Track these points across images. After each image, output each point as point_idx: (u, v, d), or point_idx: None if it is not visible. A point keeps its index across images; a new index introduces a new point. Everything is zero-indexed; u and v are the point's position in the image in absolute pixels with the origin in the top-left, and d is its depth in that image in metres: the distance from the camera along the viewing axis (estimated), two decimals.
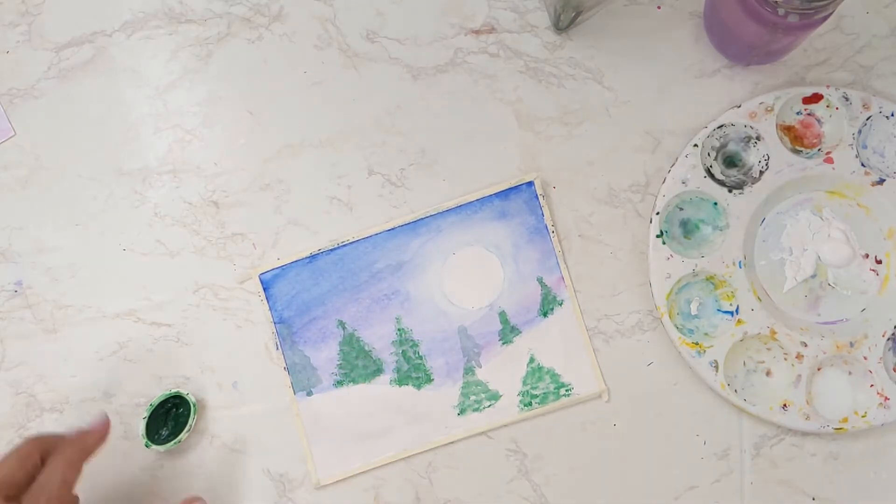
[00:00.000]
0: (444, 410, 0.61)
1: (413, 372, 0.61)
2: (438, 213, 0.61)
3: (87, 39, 0.63)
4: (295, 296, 0.62)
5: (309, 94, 0.62)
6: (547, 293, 0.61)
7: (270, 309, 0.61)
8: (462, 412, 0.61)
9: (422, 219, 0.61)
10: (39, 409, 0.62)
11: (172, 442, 0.60)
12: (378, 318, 0.61)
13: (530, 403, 0.60)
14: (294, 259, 0.62)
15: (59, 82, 0.63)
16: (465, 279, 0.61)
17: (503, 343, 0.61)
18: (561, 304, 0.61)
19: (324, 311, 0.61)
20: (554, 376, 0.60)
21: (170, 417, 0.61)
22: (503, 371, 0.61)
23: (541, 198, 0.61)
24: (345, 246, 0.62)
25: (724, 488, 0.59)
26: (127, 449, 0.61)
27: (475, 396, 0.60)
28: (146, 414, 0.60)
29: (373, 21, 0.62)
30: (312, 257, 0.62)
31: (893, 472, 0.58)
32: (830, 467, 0.59)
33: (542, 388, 0.60)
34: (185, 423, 0.60)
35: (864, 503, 0.58)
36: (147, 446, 0.60)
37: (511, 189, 0.61)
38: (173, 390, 0.61)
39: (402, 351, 0.61)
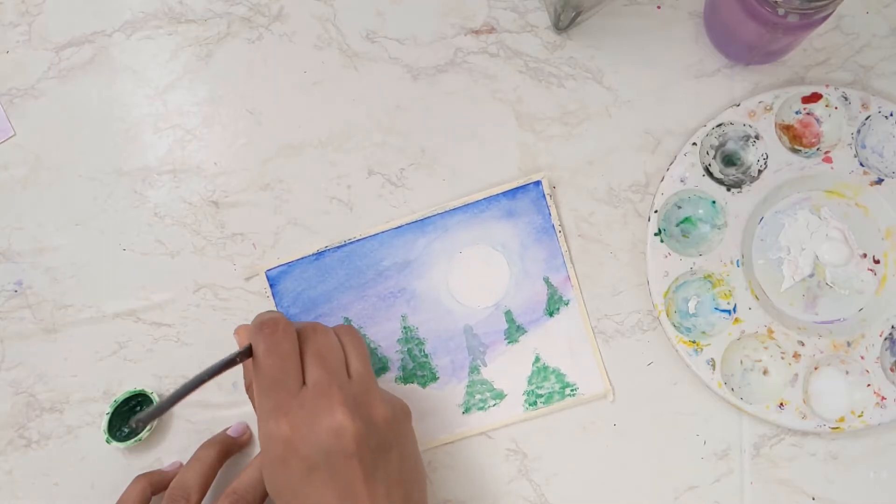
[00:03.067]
0: (450, 409, 0.61)
1: (418, 370, 0.61)
2: (445, 212, 0.61)
3: (87, 39, 0.63)
4: (301, 293, 0.62)
5: (309, 94, 0.62)
6: (553, 293, 0.61)
7: (276, 306, 0.61)
8: (467, 411, 0.61)
9: (428, 217, 0.61)
10: (39, 409, 0.62)
11: (133, 440, 0.60)
12: (384, 315, 0.61)
13: (535, 403, 0.60)
14: (301, 256, 0.62)
15: (59, 82, 0.63)
16: (471, 278, 0.61)
17: (509, 342, 0.61)
18: (567, 304, 0.61)
19: (330, 308, 0.61)
20: (559, 376, 0.60)
21: (133, 415, 0.61)
22: (508, 370, 0.61)
23: (548, 197, 0.61)
24: (351, 243, 0.62)
25: (724, 488, 0.59)
26: (126, 449, 0.61)
27: (480, 395, 0.61)
28: (109, 410, 0.61)
29: (373, 21, 0.62)
30: (319, 254, 0.62)
31: (893, 472, 0.59)
32: (830, 467, 0.59)
33: (548, 387, 0.60)
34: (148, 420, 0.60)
35: (864, 503, 0.59)
36: (108, 442, 0.60)
37: (518, 188, 0.61)
38: (137, 388, 0.61)
39: (408, 349, 0.61)
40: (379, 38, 0.63)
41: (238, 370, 0.61)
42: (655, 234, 0.60)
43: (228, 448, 0.59)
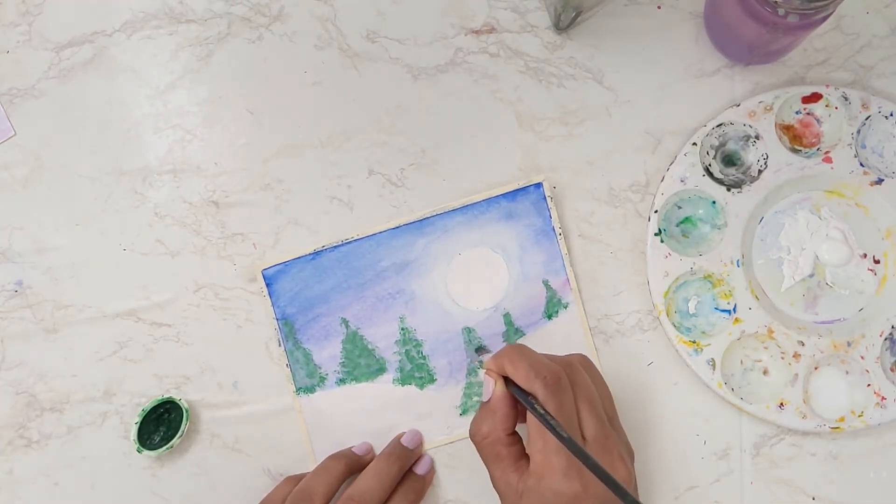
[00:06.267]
0: (447, 410, 0.61)
1: (416, 372, 0.61)
2: (445, 213, 0.61)
3: (87, 39, 0.63)
4: (298, 292, 0.61)
5: (309, 94, 0.62)
6: (552, 296, 0.61)
7: (273, 305, 0.61)
8: (464, 412, 0.61)
9: (427, 218, 0.61)
10: (40, 409, 0.62)
11: (164, 448, 0.60)
12: (382, 316, 0.61)
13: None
14: (298, 255, 0.61)
15: (59, 82, 0.63)
16: (470, 280, 0.61)
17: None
18: (566, 307, 0.61)
19: (327, 308, 0.61)
20: None
21: (162, 423, 0.61)
22: None
23: (549, 200, 0.61)
24: (349, 243, 0.61)
25: (724, 488, 0.59)
26: (127, 449, 0.61)
27: (478, 397, 0.60)
28: (138, 419, 0.60)
29: (373, 21, 0.62)
30: (316, 254, 0.61)
31: (893, 472, 0.59)
32: (830, 467, 0.59)
33: None
34: (178, 428, 0.60)
35: (864, 503, 0.59)
36: (139, 451, 0.60)
37: (518, 190, 0.61)
38: (165, 396, 0.61)
39: (406, 350, 0.61)
40: (379, 38, 0.63)
41: (237, 369, 0.62)
42: (655, 234, 0.60)
43: (354, 464, 0.59)
